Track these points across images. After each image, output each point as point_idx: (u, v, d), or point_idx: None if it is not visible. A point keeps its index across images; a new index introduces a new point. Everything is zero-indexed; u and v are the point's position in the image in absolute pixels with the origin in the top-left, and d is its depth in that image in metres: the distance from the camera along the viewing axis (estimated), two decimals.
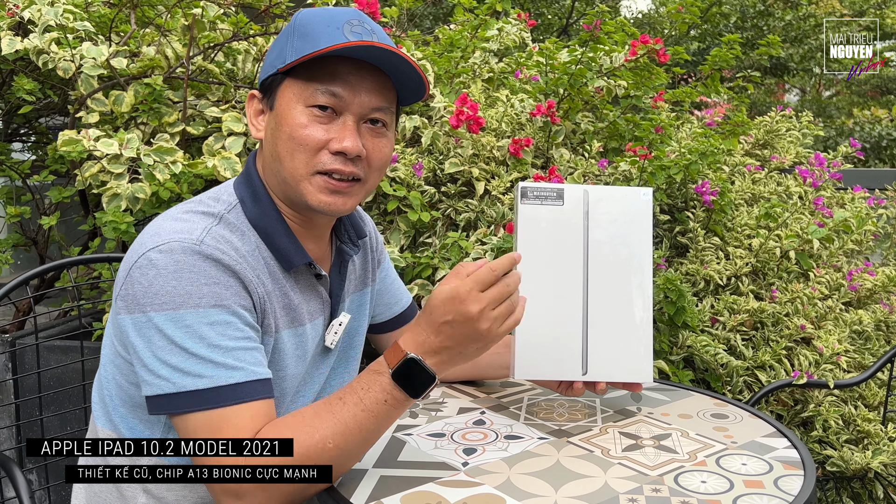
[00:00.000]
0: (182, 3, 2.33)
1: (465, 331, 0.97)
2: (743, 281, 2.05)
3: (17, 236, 2.43)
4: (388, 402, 0.97)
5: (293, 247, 1.09)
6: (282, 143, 1.04)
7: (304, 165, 1.04)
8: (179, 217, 1.03)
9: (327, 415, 0.96)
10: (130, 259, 1.00)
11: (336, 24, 1.03)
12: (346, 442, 0.96)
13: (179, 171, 1.92)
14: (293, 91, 1.04)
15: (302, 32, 1.04)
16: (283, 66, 1.04)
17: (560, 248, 1.21)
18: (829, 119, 7.59)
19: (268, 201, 1.09)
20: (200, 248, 0.98)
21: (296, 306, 1.10)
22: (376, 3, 2.31)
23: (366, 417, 0.96)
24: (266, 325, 1.05)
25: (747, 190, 2.38)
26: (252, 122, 1.12)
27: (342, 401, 0.97)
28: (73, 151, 1.91)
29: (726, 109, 2.97)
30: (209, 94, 2.34)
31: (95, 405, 1.13)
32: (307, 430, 0.95)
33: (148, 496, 1.08)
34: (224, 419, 0.94)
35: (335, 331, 1.17)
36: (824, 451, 1.77)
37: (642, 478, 1.02)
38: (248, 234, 1.06)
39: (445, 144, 2.18)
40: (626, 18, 6.56)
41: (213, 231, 1.02)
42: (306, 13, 1.06)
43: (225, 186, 1.13)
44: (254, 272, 1.03)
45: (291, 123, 1.03)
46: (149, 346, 0.96)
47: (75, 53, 2.08)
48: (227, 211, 1.06)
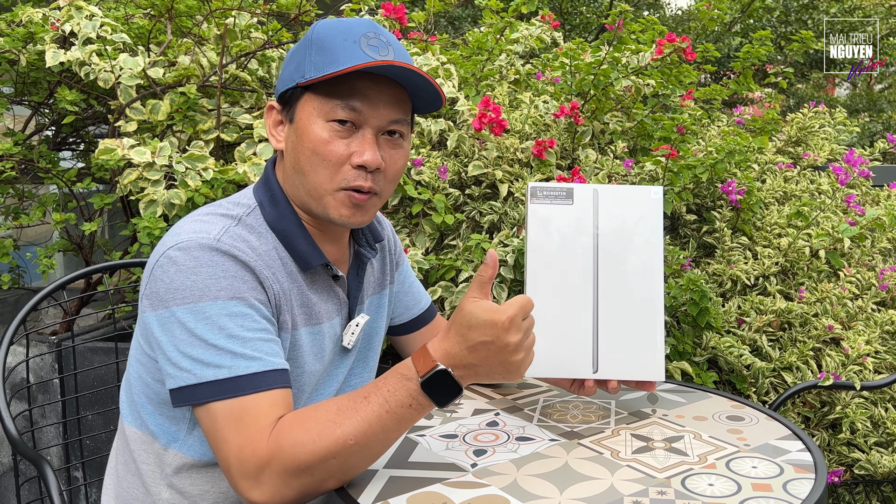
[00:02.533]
0: (216, 13, 2.40)
1: (499, 357, 0.98)
2: (771, 281, 2.02)
3: (63, 242, 2.54)
4: (413, 406, 0.98)
5: (310, 248, 1.13)
6: (304, 157, 1.08)
7: (327, 181, 1.08)
8: (199, 219, 1.08)
9: (351, 412, 0.97)
10: (153, 259, 1.06)
11: (353, 38, 1.06)
12: (367, 440, 0.97)
13: (211, 178, 1.98)
14: (313, 105, 1.07)
15: (320, 46, 1.07)
16: (302, 80, 1.07)
17: (570, 248, 1.22)
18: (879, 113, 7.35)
19: (286, 205, 1.13)
20: (218, 245, 1.03)
21: (313, 305, 1.14)
22: (403, 9, 2.34)
23: (389, 419, 0.98)
24: (282, 321, 1.09)
25: (778, 188, 2.34)
26: (272, 133, 1.15)
27: (367, 399, 0.98)
28: (111, 160, 1.98)
29: (759, 106, 2.92)
30: (242, 102, 2.40)
31: (123, 404, 1.18)
32: (330, 425, 0.97)
33: (172, 491, 1.12)
34: (244, 408, 0.98)
35: (352, 331, 1.21)
36: (852, 454, 1.74)
37: (649, 480, 1.03)
38: (265, 236, 1.11)
39: (471, 147, 2.20)
40: (667, 16, 6.47)
41: (231, 231, 1.06)
42: (323, 26, 1.09)
43: (245, 191, 1.17)
44: (269, 269, 1.08)
45: (313, 138, 1.07)
46: (172, 340, 1.01)
47: (114, 64, 2.16)
48: (245, 214, 1.11)
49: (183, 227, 1.07)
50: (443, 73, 2.23)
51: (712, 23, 2.60)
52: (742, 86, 2.61)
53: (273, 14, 2.49)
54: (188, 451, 1.11)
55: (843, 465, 1.80)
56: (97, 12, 2.26)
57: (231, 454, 0.97)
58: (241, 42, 2.38)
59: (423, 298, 1.46)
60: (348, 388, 1.26)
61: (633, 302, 1.23)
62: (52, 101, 2.61)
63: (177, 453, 1.11)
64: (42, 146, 2.59)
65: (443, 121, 2.26)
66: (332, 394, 1.22)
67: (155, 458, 1.13)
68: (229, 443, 0.97)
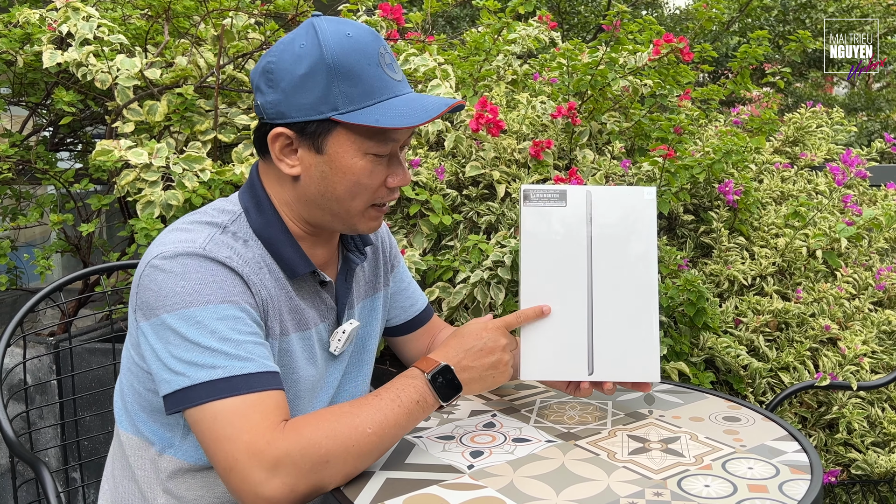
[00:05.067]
0: (213, 14, 2.40)
1: (490, 358, 1.14)
2: (768, 281, 2.03)
3: (61, 243, 2.54)
4: (420, 402, 1.07)
5: (297, 256, 1.12)
6: (343, 188, 1.08)
7: (364, 204, 1.11)
8: (183, 228, 1.08)
9: (366, 405, 1.03)
10: (139, 270, 1.05)
11: (373, 60, 1.05)
12: (382, 431, 1.02)
13: (209, 179, 1.98)
14: (350, 140, 1.06)
15: (345, 74, 1.03)
16: (336, 115, 1.03)
17: (564, 250, 1.23)
18: (877, 112, 7.35)
19: (271, 211, 1.13)
20: (204, 252, 1.03)
21: (302, 310, 1.14)
22: (400, 9, 2.34)
23: (400, 413, 1.04)
24: (269, 328, 1.09)
25: (776, 188, 2.35)
26: (280, 159, 1.09)
27: (378, 396, 1.05)
28: (109, 161, 1.98)
29: (756, 106, 2.92)
30: (239, 103, 2.40)
31: (118, 410, 1.18)
32: (347, 416, 1.01)
33: (168, 497, 1.12)
34: (250, 405, 0.97)
35: (339, 338, 1.21)
36: (849, 454, 1.75)
37: (645, 481, 1.03)
38: (251, 244, 1.10)
39: (468, 148, 2.20)
40: (666, 16, 6.47)
41: (216, 238, 1.06)
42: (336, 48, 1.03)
43: (230, 198, 1.17)
44: (256, 276, 1.07)
45: (357, 172, 1.08)
46: (165, 346, 1.00)
47: (111, 65, 2.16)
48: (230, 221, 1.10)
49: (168, 237, 1.06)
50: (440, 73, 2.23)
51: (709, 23, 2.60)
52: (739, 85, 2.61)
53: (270, 15, 2.49)
54: (183, 456, 1.11)
55: (840, 465, 1.80)
56: (94, 13, 2.26)
57: (239, 450, 0.95)
58: (238, 43, 2.38)
59: (419, 300, 1.46)
60: (343, 394, 1.26)
61: (628, 303, 1.23)
62: (49, 102, 2.61)
63: (172, 458, 1.11)
64: (39, 147, 2.59)
65: (440, 121, 2.26)
66: (327, 400, 1.22)
67: (150, 464, 1.13)
68: (235, 440, 0.95)
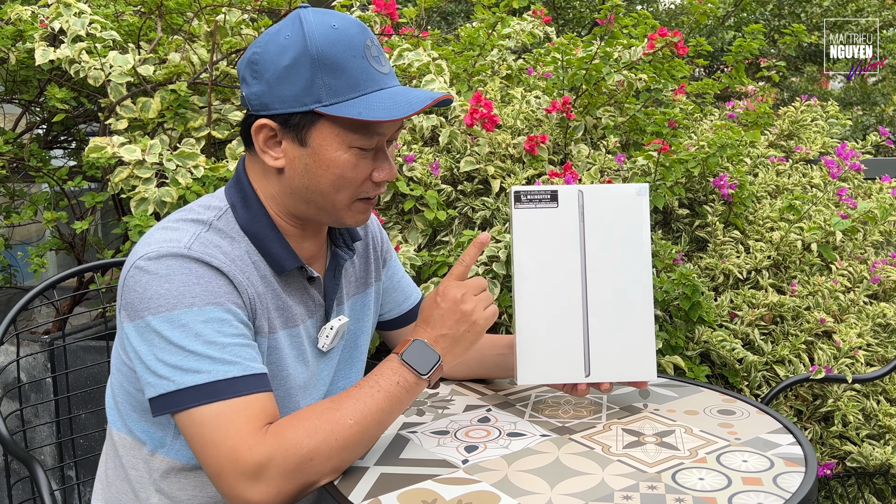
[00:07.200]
0: (206, 10, 2.39)
1: (454, 315, 1.10)
2: (763, 275, 2.03)
3: (55, 241, 2.53)
4: (401, 383, 1.06)
5: (284, 251, 1.12)
6: (327, 181, 1.07)
7: (349, 198, 1.10)
8: (169, 226, 1.07)
9: (346, 398, 1.03)
10: (125, 270, 1.04)
11: (359, 52, 1.03)
12: (365, 420, 1.02)
13: (202, 175, 1.98)
14: (334, 133, 1.05)
15: (329, 66, 1.02)
16: (320, 107, 1.02)
17: (557, 251, 1.22)
18: (873, 106, 7.35)
19: (258, 206, 1.11)
20: (189, 252, 1.02)
21: (290, 307, 1.13)
22: (394, 4, 2.33)
23: (382, 398, 1.04)
24: (258, 326, 1.08)
25: (771, 182, 2.35)
26: (264, 150, 1.08)
27: (359, 387, 1.05)
28: (101, 158, 1.97)
29: (752, 100, 2.93)
30: (233, 99, 2.39)
31: (109, 410, 1.18)
32: (328, 411, 1.01)
33: (161, 496, 1.12)
34: (234, 410, 0.97)
35: (326, 334, 1.20)
36: (844, 447, 1.75)
37: (640, 475, 1.03)
38: (238, 240, 1.09)
39: (463, 143, 2.19)
40: (661, 10, 6.46)
41: (202, 237, 1.05)
42: (321, 39, 1.02)
43: (216, 193, 1.16)
44: (243, 274, 1.07)
45: (340, 165, 1.06)
46: (150, 349, 1.00)
47: (104, 62, 2.15)
48: (216, 218, 1.09)
49: (153, 237, 1.05)
50: (434, 68, 2.23)
51: (704, 17, 2.60)
52: (734, 80, 2.61)
53: (263, 10, 2.48)
54: (175, 455, 1.11)
55: (835, 457, 1.81)
56: (86, 10, 2.25)
57: (223, 456, 0.96)
58: (231, 39, 2.37)
59: (413, 293, 1.45)
60: (337, 391, 1.24)
61: (623, 302, 1.23)
62: (42, 100, 2.59)
63: (164, 458, 1.11)
64: (33, 144, 2.58)
65: (434, 117, 2.25)
66: (320, 397, 1.21)
67: (143, 463, 1.13)
68: (220, 446, 0.96)
